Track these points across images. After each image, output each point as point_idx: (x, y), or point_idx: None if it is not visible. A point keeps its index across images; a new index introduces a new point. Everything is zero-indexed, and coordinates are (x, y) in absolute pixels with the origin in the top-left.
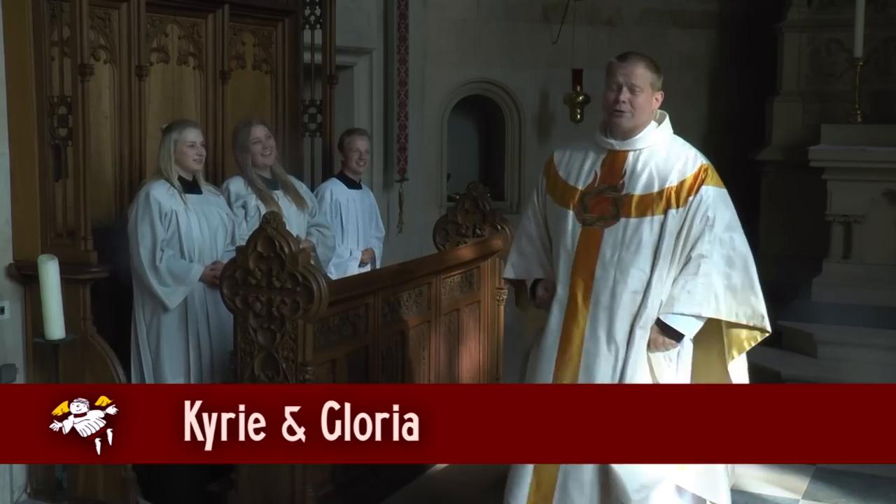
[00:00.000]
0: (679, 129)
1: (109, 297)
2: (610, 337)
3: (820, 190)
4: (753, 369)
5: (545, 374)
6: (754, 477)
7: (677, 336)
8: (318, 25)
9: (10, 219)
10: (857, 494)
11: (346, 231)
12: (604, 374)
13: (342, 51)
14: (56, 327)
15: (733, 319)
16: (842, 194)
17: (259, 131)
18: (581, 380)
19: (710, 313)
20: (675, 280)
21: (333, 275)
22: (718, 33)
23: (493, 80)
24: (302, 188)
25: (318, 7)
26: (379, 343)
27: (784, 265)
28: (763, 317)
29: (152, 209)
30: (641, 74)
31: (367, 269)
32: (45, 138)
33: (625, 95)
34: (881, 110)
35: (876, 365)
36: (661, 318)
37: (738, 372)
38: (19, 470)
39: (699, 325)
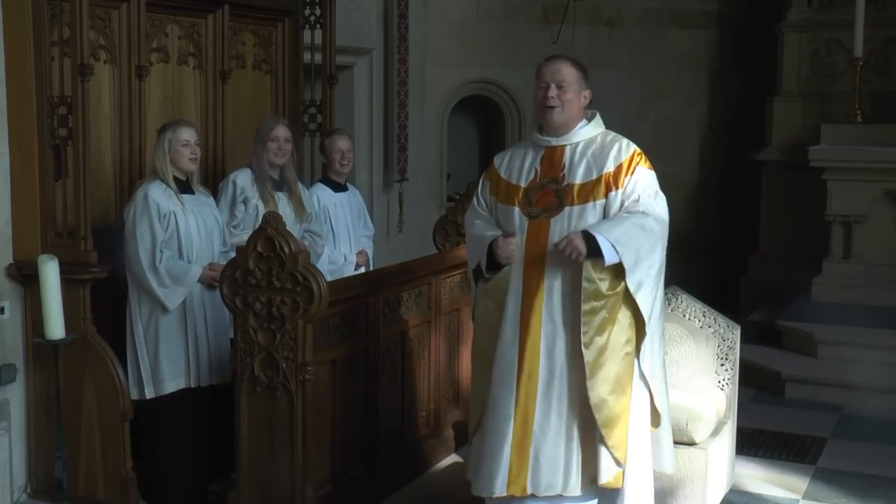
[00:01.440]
0: (679, 129)
1: (108, 297)
2: (566, 319)
3: (820, 190)
4: (754, 369)
5: (510, 363)
6: (754, 477)
7: (595, 252)
8: (318, 25)
9: (10, 219)
10: (857, 494)
11: (338, 235)
12: (562, 357)
13: (342, 51)
14: (56, 327)
15: (628, 272)
16: (842, 194)
17: (281, 131)
18: (542, 364)
19: (623, 256)
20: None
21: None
22: (718, 33)
23: (492, 80)
24: (304, 194)
25: (318, 7)
26: (379, 343)
27: (784, 265)
28: (640, 285)
29: (151, 210)
30: (567, 72)
31: (362, 271)
32: (45, 138)
33: (553, 91)
34: (881, 110)
35: (876, 365)
36: (595, 233)
37: (649, 364)
38: (19, 470)
39: (615, 258)
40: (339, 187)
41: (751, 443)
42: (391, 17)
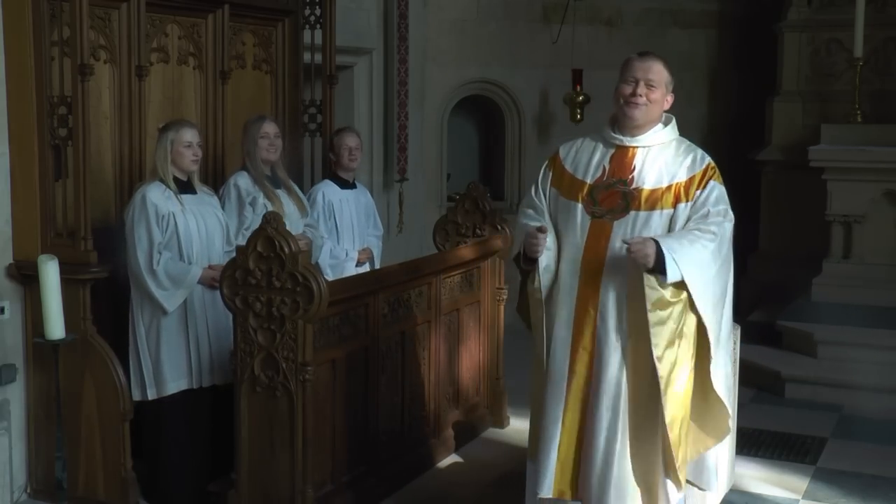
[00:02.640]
0: (679, 129)
1: (108, 297)
2: (620, 326)
3: (820, 190)
4: (754, 369)
5: (560, 364)
6: (754, 477)
7: (660, 269)
8: (318, 25)
9: (10, 219)
10: (857, 494)
11: (341, 232)
12: (614, 363)
13: (342, 51)
14: (56, 327)
15: (695, 296)
16: (842, 194)
17: (269, 127)
18: (595, 368)
19: (688, 277)
20: (687, 227)
21: (330, 276)
22: (718, 33)
23: (492, 80)
24: (296, 189)
25: (318, 7)
26: (379, 343)
27: (784, 265)
28: (708, 309)
29: (149, 212)
30: (658, 72)
31: (366, 268)
32: (45, 138)
33: (641, 89)
34: (881, 110)
35: (876, 365)
36: (664, 248)
37: (719, 372)
38: (19, 469)
39: (677, 277)
40: (345, 184)
41: (751, 443)
42: (391, 17)
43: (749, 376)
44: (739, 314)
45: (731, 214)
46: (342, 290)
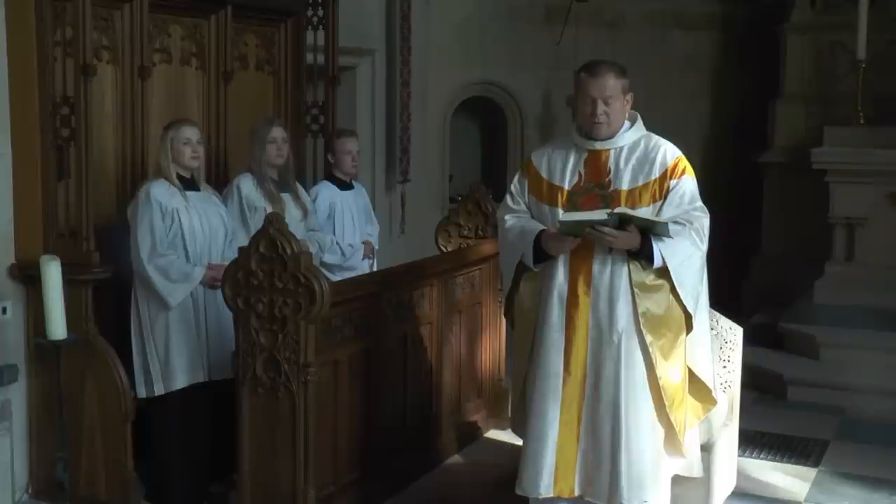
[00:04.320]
0: (681, 131)
1: (110, 298)
2: (612, 326)
3: (822, 192)
4: (756, 371)
5: (554, 366)
6: (757, 479)
7: (647, 255)
8: (321, 26)
9: (13, 219)
10: (860, 497)
11: (344, 231)
12: (611, 360)
13: (345, 51)
14: (58, 327)
15: (678, 285)
16: (844, 196)
17: (277, 132)
18: (590, 370)
19: (671, 265)
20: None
21: (339, 274)
22: (721, 35)
23: (495, 82)
24: (301, 192)
25: (320, 8)
26: (381, 344)
27: (786, 267)
28: (694, 313)
29: (153, 208)
30: (612, 86)
31: (370, 261)
32: (48, 139)
33: (600, 108)
34: (884, 113)
35: (878, 367)
36: (654, 238)
37: (700, 362)
38: (21, 470)
39: (661, 262)
40: (344, 185)
41: (753, 445)
42: (394, 18)
43: (751, 379)
44: (741, 316)
45: (704, 207)
46: (344, 291)
